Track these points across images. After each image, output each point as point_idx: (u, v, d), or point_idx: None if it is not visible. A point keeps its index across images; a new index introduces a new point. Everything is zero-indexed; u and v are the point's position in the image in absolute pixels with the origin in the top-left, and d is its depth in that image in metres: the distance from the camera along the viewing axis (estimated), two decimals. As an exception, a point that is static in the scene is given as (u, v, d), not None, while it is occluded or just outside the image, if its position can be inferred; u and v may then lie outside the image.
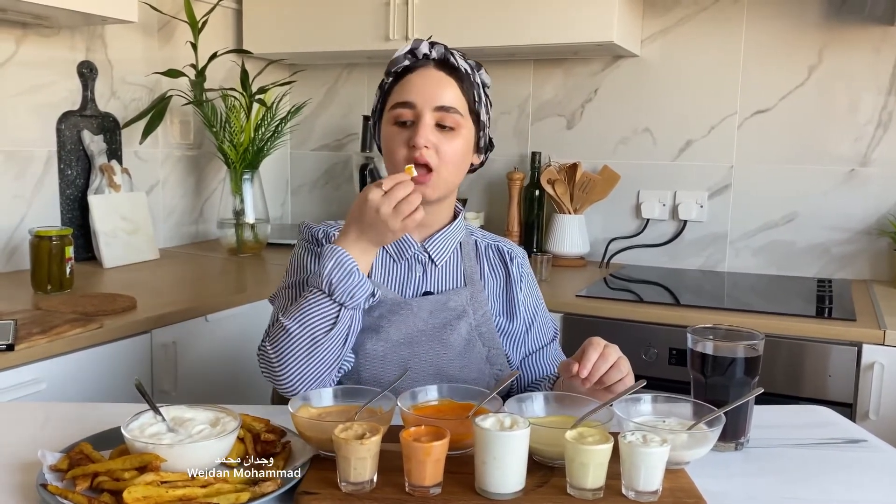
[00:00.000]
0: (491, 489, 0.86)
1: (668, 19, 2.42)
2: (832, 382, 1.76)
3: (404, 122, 1.18)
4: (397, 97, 1.20)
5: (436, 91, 1.18)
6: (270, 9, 2.62)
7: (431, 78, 1.19)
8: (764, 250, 2.39)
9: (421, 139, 1.16)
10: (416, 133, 1.16)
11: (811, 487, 0.95)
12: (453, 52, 1.22)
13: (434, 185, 1.19)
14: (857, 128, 2.25)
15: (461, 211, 1.31)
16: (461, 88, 1.20)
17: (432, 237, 1.26)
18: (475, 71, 1.24)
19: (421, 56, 1.20)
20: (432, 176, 1.17)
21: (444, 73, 1.20)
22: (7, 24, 2.03)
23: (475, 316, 1.25)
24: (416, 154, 1.16)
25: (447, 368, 1.21)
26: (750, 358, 1.05)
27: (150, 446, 0.85)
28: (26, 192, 2.13)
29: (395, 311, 1.22)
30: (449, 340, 1.22)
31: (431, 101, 1.17)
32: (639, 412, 1.02)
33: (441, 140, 1.18)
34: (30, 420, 1.12)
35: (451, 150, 1.19)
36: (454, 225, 1.28)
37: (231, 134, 2.44)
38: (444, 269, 1.28)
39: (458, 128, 1.19)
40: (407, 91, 1.19)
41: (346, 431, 0.87)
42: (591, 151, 2.57)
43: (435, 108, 1.17)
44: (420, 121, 1.17)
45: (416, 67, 1.20)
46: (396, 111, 1.19)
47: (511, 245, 1.36)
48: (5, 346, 1.40)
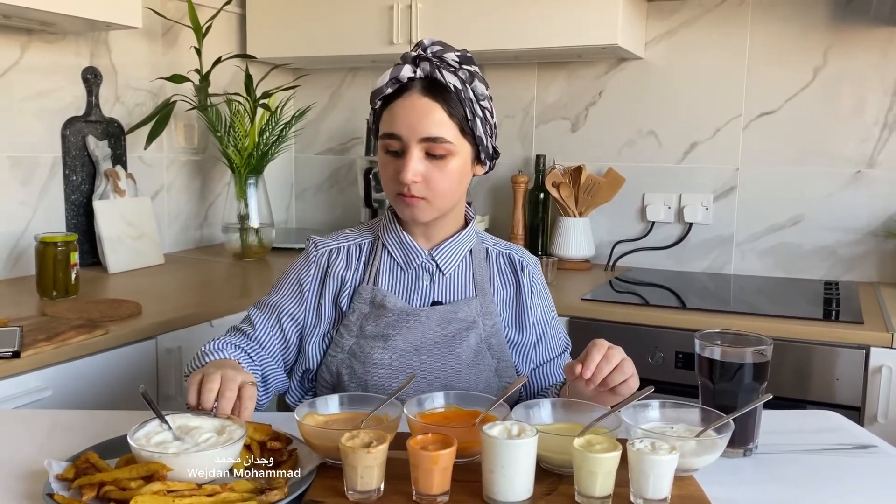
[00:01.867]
0: (499, 497, 0.85)
1: (673, 21, 2.42)
2: (840, 386, 1.75)
3: (394, 150, 1.17)
4: (385, 127, 1.17)
5: (422, 121, 1.14)
6: (274, 13, 2.62)
7: (417, 107, 1.14)
8: (770, 253, 2.38)
9: (409, 175, 1.14)
10: (403, 167, 1.15)
11: (821, 494, 0.94)
12: (442, 65, 1.16)
13: (424, 211, 1.19)
14: (864, 129, 2.24)
15: (472, 217, 1.29)
16: (449, 112, 1.15)
17: (440, 245, 1.26)
18: (466, 85, 1.17)
19: (406, 80, 1.16)
20: (423, 202, 1.17)
21: (429, 99, 1.15)
22: (12, 31, 2.04)
23: (485, 327, 1.24)
24: (404, 189, 1.16)
25: (455, 380, 1.21)
26: (758, 363, 1.05)
27: (156, 455, 0.85)
28: (32, 198, 2.13)
29: (402, 321, 1.21)
30: (458, 352, 1.22)
31: (417, 132, 1.14)
32: (647, 419, 1.01)
33: (431, 169, 1.16)
34: (36, 428, 1.12)
35: (442, 177, 1.16)
36: (464, 233, 1.27)
37: (235, 138, 2.44)
38: (452, 278, 1.26)
39: (449, 154, 1.16)
40: (393, 122, 1.16)
41: (353, 440, 0.87)
42: (596, 154, 2.56)
43: (421, 140, 1.15)
44: (408, 153, 1.15)
45: (401, 92, 1.16)
46: (385, 141, 1.17)
47: (523, 253, 1.34)
48: (11, 353, 1.40)
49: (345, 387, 1.21)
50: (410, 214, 1.20)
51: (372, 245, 1.28)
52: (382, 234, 1.28)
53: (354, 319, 1.23)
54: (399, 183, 1.16)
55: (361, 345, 1.21)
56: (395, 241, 1.26)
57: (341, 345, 1.23)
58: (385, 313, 1.21)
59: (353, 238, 1.30)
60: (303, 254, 1.31)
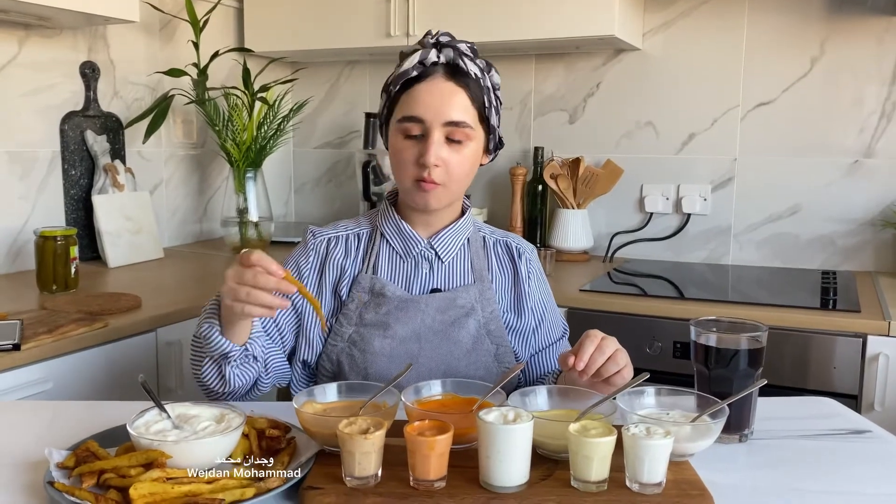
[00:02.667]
0: (495, 483, 0.86)
1: (670, 12, 2.42)
2: (837, 374, 1.76)
3: (413, 135, 1.17)
4: (406, 110, 1.17)
5: (445, 105, 1.15)
6: (271, 7, 2.62)
7: (441, 91, 1.16)
8: (768, 243, 2.39)
9: (431, 158, 1.15)
10: (426, 150, 1.15)
11: (816, 478, 0.95)
12: (463, 53, 1.18)
13: (439, 198, 1.19)
14: (861, 119, 2.25)
15: (468, 207, 1.31)
16: (471, 98, 1.18)
17: (439, 234, 1.26)
18: (485, 74, 1.21)
19: (429, 64, 1.17)
20: (439, 188, 1.18)
21: (453, 84, 1.17)
22: (9, 26, 2.04)
23: (483, 313, 1.25)
24: (425, 174, 1.16)
25: (455, 366, 1.22)
26: (753, 349, 1.05)
27: (155, 443, 0.86)
28: (31, 193, 2.13)
29: (402, 308, 1.22)
30: (457, 338, 1.22)
31: (441, 116, 1.15)
32: (642, 405, 1.02)
33: (450, 154, 1.17)
34: (36, 419, 1.13)
35: (461, 162, 1.18)
36: (461, 221, 1.28)
37: (234, 132, 2.45)
38: (451, 266, 1.27)
39: (468, 140, 1.18)
40: (415, 105, 1.16)
41: (351, 426, 0.88)
42: (594, 146, 2.57)
43: (444, 124, 1.16)
44: (429, 137, 1.15)
45: (424, 76, 1.17)
46: (405, 125, 1.17)
47: (520, 240, 1.35)
48: (11, 346, 1.40)
49: (345, 375, 1.22)
50: (425, 201, 1.19)
51: (370, 234, 1.29)
52: (381, 224, 1.28)
53: (353, 308, 1.24)
54: (419, 167, 1.16)
55: (361, 333, 1.22)
56: (394, 229, 1.27)
57: (341, 333, 1.23)
58: (384, 301, 1.22)
59: (352, 227, 1.30)
60: (301, 243, 1.32)
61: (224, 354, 1.11)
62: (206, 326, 1.11)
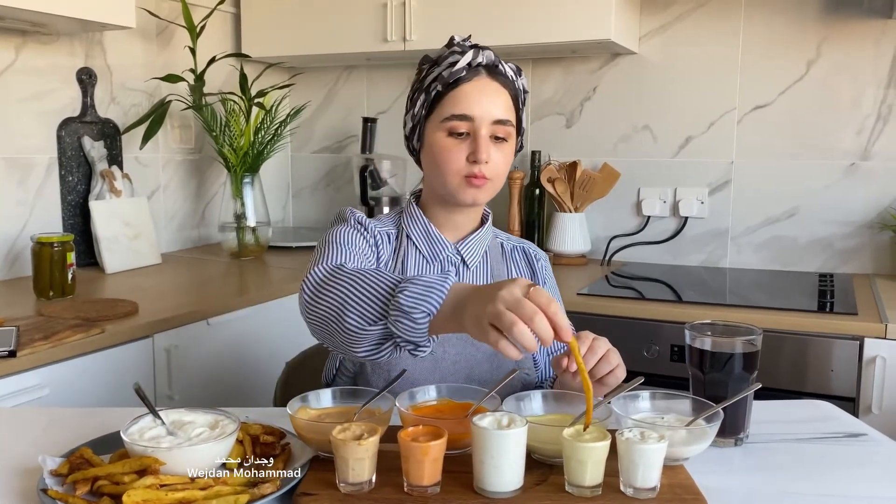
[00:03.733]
0: (489, 488, 0.86)
1: (666, 16, 2.42)
2: (834, 377, 1.76)
3: (459, 132, 1.18)
4: (453, 108, 1.18)
5: (492, 104, 1.18)
6: (268, 12, 2.62)
7: (487, 90, 1.19)
8: (765, 246, 2.39)
9: (484, 154, 1.17)
10: (478, 148, 1.17)
11: (811, 482, 0.95)
12: (499, 58, 1.22)
13: (486, 193, 1.21)
14: (858, 121, 2.25)
15: (489, 214, 1.32)
16: (512, 98, 1.22)
17: (465, 239, 1.27)
18: (518, 77, 1.24)
19: (475, 64, 1.19)
20: (487, 182, 1.19)
21: (497, 84, 1.20)
22: (6, 33, 2.04)
23: None
24: (476, 170, 1.17)
25: (477, 370, 1.23)
26: (748, 353, 1.05)
27: (149, 450, 0.86)
28: (28, 199, 2.13)
29: None
30: (479, 343, 1.22)
31: (489, 114, 1.18)
32: (637, 409, 1.02)
33: (496, 153, 1.19)
34: (31, 425, 1.13)
35: (504, 160, 1.21)
36: (485, 228, 1.30)
37: (231, 138, 2.45)
38: (474, 272, 1.29)
39: (509, 138, 1.21)
40: (464, 103, 1.18)
41: (344, 432, 0.88)
42: (591, 149, 2.57)
43: (493, 122, 1.18)
44: (478, 135, 1.17)
45: (469, 77, 1.19)
46: (453, 123, 1.18)
47: (535, 247, 1.39)
48: (8, 353, 1.40)
49: (367, 377, 1.21)
50: (473, 197, 1.20)
51: (397, 235, 1.29)
52: (406, 225, 1.28)
53: None
54: (469, 164, 1.18)
55: None
56: (422, 233, 1.27)
57: None
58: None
59: (380, 226, 1.29)
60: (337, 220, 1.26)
61: (415, 344, 0.94)
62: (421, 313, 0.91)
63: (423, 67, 1.24)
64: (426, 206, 1.28)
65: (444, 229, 1.27)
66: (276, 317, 2.03)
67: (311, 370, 1.54)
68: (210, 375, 1.86)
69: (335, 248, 1.15)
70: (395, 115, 2.83)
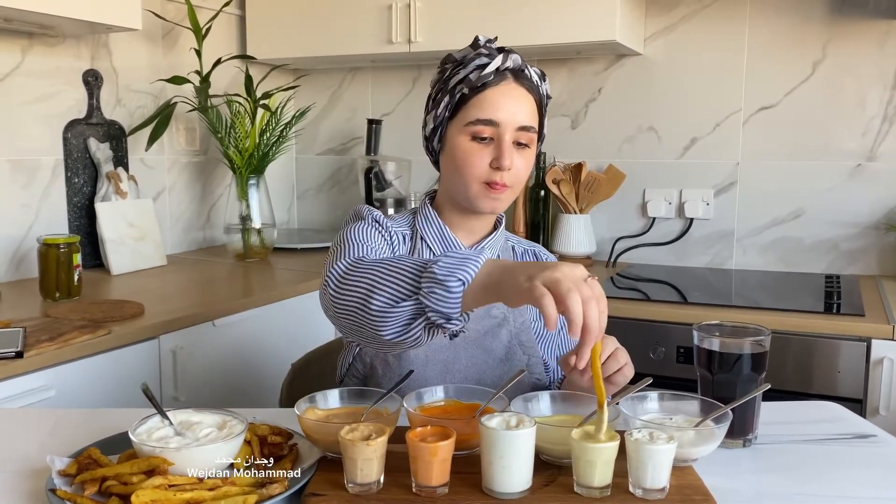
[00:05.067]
0: (497, 489, 0.86)
1: (671, 17, 2.42)
2: (842, 378, 1.75)
3: (483, 137, 1.17)
4: (479, 112, 1.16)
5: (518, 110, 1.17)
6: (273, 14, 2.63)
7: (513, 95, 1.17)
8: (771, 247, 2.38)
9: (507, 161, 1.15)
10: (501, 155, 1.16)
11: (820, 483, 0.94)
12: (525, 62, 1.20)
13: (505, 201, 1.20)
14: (864, 122, 2.24)
15: (503, 218, 1.32)
16: (537, 104, 1.21)
17: (480, 243, 1.27)
18: (542, 82, 1.23)
19: (503, 69, 1.17)
20: (507, 191, 1.19)
21: (523, 89, 1.18)
22: (13, 35, 2.05)
23: (515, 324, 1.26)
24: (497, 178, 1.16)
25: (488, 374, 1.22)
26: (756, 354, 1.05)
27: (157, 450, 0.86)
28: (34, 201, 2.14)
29: None
30: (490, 347, 1.23)
31: (514, 121, 1.17)
32: (645, 410, 1.01)
33: (519, 159, 1.18)
34: (39, 426, 1.13)
35: (525, 166, 1.20)
36: (498, 232, 1.29)
37: (236, 139, 2.45)
38: None
39: (532, 144, 1.20)
40: (490, 108, 1.16)
41: (353, 433, 0.88)
42: (596, 151, 2.56)
43: (518, 128, 1.17)
44: (502, 141, 1.16)
45: (497, 81, 1.17)
46: (478, 127, 1.17)
47: (545, 251, 1.39)
48: (14, 354, 1.41)
49: (377, 379, 1.21)
50: (492, 207, 1.20)
51: (411, 237, 1.28)
52: (420, 227, 1.27)
53: None
54: (492, 170, 1.17)
55: None
56: (437, 235, 1.26)
57: None
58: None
59: (395, 227, 1.28)
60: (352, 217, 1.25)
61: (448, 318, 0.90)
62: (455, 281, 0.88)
63: (446, 67, 1.21)
64: (441, 208, 1.27)
65: (458, 232, 1.26)
66: (282, 318, 2.03)
67: (316, 372, 1.54)
68: (216, 376, 1.86)
69: (355, 244, 1.14)
70: (400, 116, 2.84)
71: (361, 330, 0.99)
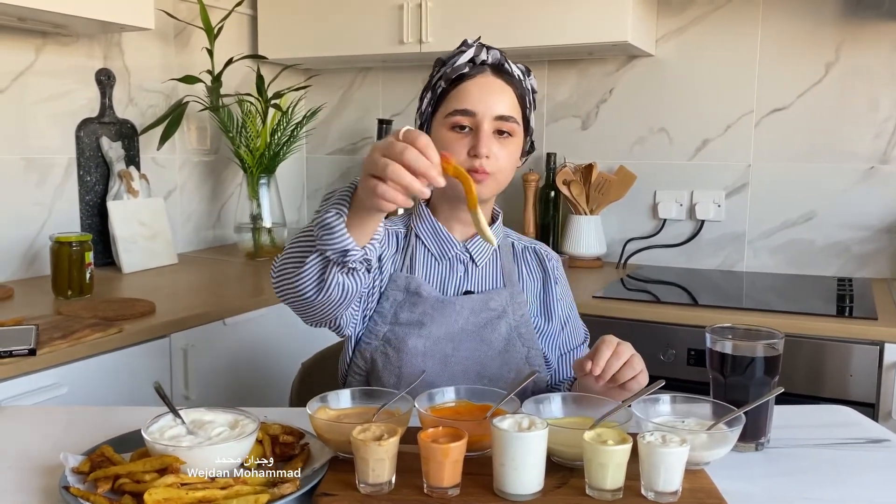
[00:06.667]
0: (509, 490, 0.86)
1: (683, 18, 2.41)
2: (854, 382, 1.74)
3: (462, 127, 1.20)
4: (456, 104, 1.20)
5: (495, 100, 1.20)
6: (285, 14, 2.63)
7: (490, 86, 1.21)
8: (782, 249, 2.37)
9: (484, 149, 1.18)
10: (478, 142, 1.18)
11: (833, 488, 0.94)
12: (506, 57, 1.24)
13: (489, 187, 1.21)
14: (876, 125, 2.23)
15: (499, 213, 1.33)
16: (517, 96, 1.23)
17: (474, 238, 1.29)
18: (525, 76, 1.26)
19: (479, 63, 1.22)
20: (488, 177, 1.20)
21: (501, 81, 1.22)
22: (27, 34, 2.06)
23: (514, 316, 1.27)
24: (478, 164, 1.18)
25: (488, 367, 1.23)
26: (769, 357, 1.04)
27: (170, 449, 0.86)
28: (47, 199, 2.15)
29: (437, 308, 1.23)
30: (489, 339, 1.24)
31: (492, 110, 1.19)
32: (658, 412, 1.01)
33: (499, 148, 1.20)
34: (52, 423, 1.13)
35: (507, 156, 1.21)
36: (494, 227, 1.31)
37: (247, 139, 2.46)
38: (484, 270, 1.30)
39: (514, 134, 1.22)
40: (467, 99, 1.20)
41: (365, 433, 0.88)
42: (607, 152, 2.56)
43: (495, 117, 1.19)
44: (480, 129, 1.19)
45: (473, 74, 1.21)
46: (455, 118, 1.20)
47: (547, 248, 1.39)
48: (27, 351, 1.41)
49: (378, 374, 1.22)
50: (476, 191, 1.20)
51: (406, 234, 1.30)
52: (415, 225, 1.29)
53: (388, 307, 1.24)
54: (470, 158, 1.19)
55: (396, 332, 1.23)
56: (430, 231, 1.28)
57: (375, 332, 1.24)
58: (420, 301, 1.23)
59: (388, 225, 1.30)
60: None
61: (344, 251, 0.95)
62: (332, 214, 0.94)
63: (434, 68, 1.26)
64: (435, 206, 1.30)
65: (452, 228, 1.28)
66: (292, 317, 2.01)
67: (327, 371, 1.54)
68: (226, 375, 1.87)
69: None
70: (411, 116, 2.83)
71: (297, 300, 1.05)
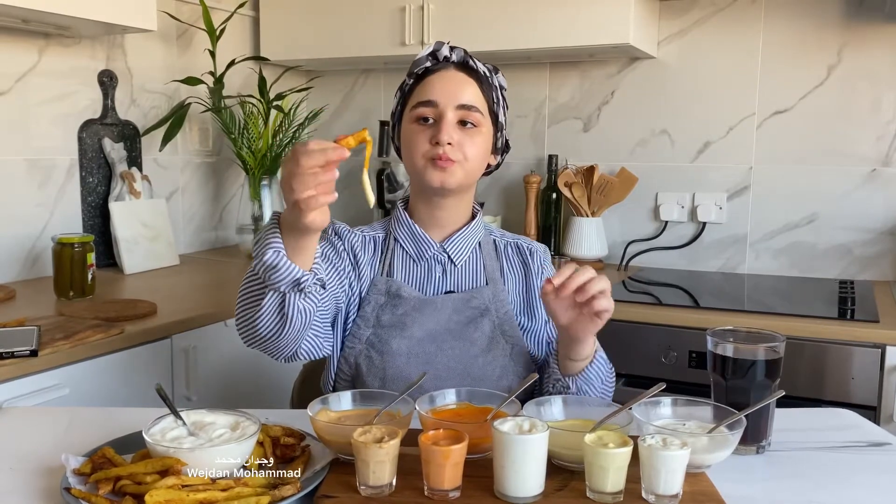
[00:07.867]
0: (510, 493, 0.86)
1: (685, 20, 2.41)
2: (855, 385, 1.74)
3: (426, 118, 1.21)
4: (419, 97, 1.23)
5: (457, 90, 1.21)
6: (287, 16, 2.64)
7: (453, 78, 1.23)
8: (784, 252, 2.37)
9: (444, 136, 1.19)
10: (439, 130, 1.19)
11: (834, 491, 0.94)
12: (472, 56, 1.26)
13: (454, 174, 1.20)
14: (879, 127, 2.23)
15: (479, 211, 1.33)
16: (481, 88, 1.24)
17: (451, 237, 1.28)
18: (493, 74, 1.28)
19: (442, 58, 1.24)
20: (453, 164, 1.20)
21: (464, 74, 1.24)
22: (30, 35, 2.06)
23: (498, 314, 1.27)
24: (440, 151, 1.19)
25: (472, 365, 1.23)
26: (770, 360, 1.04)
27: (171, 450, 0.86)
28: (49, 200, 2.15)
29: (419, 308, 1.23)
30: (473, 338, 1.24)
31: (453, 99, 1.21)
32: (659, 415, 1.01)
33: (463, 137, 1.21)
34: (53, 424, 1.14)
35: (473, 146, 1.22)
36: (472, 225, 1.30)
37: (249, 140, 2.46)
38: (464, 269, 1.29)
39: (479, 125, 1.23)
40: (429, 91, 1.22)
41: (365, 435, 0.88)
42: (609, 154, 2.56)
43: (457, 107, 1.21)
44: (443, 119, 1.20)
45: (437, 69, 1.24)
46: (418, 110, 1.22)
47: (532, 242, 1.37)
48: (29, 352, 1.42)
49: (363, 378, 1.22)
50: (441, 179, 1.21)
51: (385, 239, 1.31)
52: (394, 229, 1.30)
53: (370, 310, 1.24)
54: (433, 146, 1.20)
55: (378, 334, 1.23)
56: (407, 233, 1.28)
57: (358, 336, 1.24)
58: (401, 302, 1.24)
59: (368, 231, 1.32)
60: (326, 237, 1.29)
61: (296, 281, 0.99)
62: (270, 254, 0.98)
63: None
64: (413, 207, 1.30)
65: (429, 228, 1.28)
66: (293, 319, 2.03)
67: (329, 372, 1.54)
68: (227, 376, 1.87)
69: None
70: (412, 118, 2.84)
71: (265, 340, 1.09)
